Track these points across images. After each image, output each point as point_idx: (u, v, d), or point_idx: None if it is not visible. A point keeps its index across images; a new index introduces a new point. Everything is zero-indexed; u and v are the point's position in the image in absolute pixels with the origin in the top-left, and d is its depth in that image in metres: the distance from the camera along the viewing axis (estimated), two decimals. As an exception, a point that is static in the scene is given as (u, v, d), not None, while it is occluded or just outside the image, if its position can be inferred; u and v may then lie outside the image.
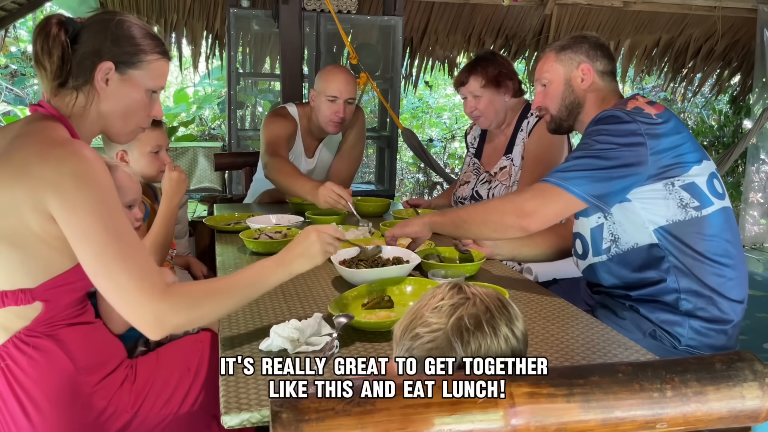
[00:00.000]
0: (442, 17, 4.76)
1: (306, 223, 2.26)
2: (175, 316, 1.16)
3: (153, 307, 1.14)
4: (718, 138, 6.17)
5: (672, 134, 1.60)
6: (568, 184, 1.58)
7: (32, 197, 1.14)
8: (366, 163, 6.73)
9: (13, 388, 1.23)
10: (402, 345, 0.84)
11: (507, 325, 0.82)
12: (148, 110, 1.36)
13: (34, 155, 1.16)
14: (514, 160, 2.40)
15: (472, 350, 0.79)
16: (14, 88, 6.99)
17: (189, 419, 1.43)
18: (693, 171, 1.60)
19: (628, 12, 4.87)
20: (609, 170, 1.56)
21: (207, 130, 7.39)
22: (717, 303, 1.60)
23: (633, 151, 1.56)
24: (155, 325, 1.15)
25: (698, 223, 1.59)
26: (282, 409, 0.66)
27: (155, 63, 1.33)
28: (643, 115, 1.60)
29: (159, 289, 1.15)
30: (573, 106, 1.79)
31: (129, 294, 1.13)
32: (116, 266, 1.13)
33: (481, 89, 2.36)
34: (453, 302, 0.83)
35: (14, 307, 1.22)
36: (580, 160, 1.60)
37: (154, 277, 1.16)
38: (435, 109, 8.11)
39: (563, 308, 1.56)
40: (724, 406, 0.74)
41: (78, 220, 1.14)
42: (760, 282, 3.07)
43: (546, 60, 1.83)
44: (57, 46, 1.24)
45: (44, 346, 1.25)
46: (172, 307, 1.15)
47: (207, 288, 1.25)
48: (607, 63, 1.79)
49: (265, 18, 3.76)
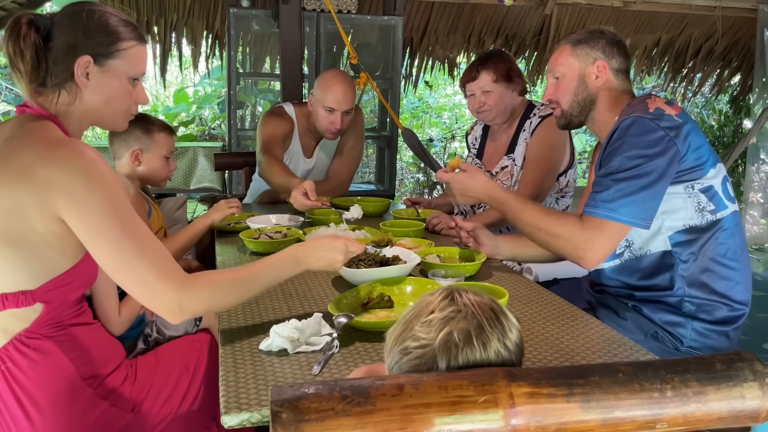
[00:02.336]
0: (442, 17, 4.76)
1: (306, 223, 2.26)
2: (197, 303, 1.21)
3: (176, 294, 1.17)
4: (718, 138, 6.17)
5: (693, 135, 1.59)
6: (617, 215, 1.55)
7: (39, 199, 1.14)
8: (366, 163, 6.73)
9: (13, 390, 1.22)
10: (392, 356, 0.83)
11: (499, 340, 0.79)
12: (132, 97, 1.35)
13: (36, 157, 1.15)
14: (516, 159, 2.40)
15: (459, 365, 0.78)
16: (14, 88, 6.99)
17: (189, 419, 1.43)
18: (710, 174, 1.60)
19: (628, 12, 4.87)
20: (652, 187, 1.54)
21: (207, 130, 7.39)
22: (722, 306, 1.60)
23: (666, 157, 1.54)
24: (179, 312, 1.19)
25: (713, 227, 1.60)
26: (282, 409, 0.66)
27: (132, 50, 1.31)
28: (666, 118, 1.58)
29: (179, 277, 1.19)
30: (585, 102, 1.76)
31: (151, 284, 1.17)
32: (135, 259, 1.16)
33: (493, 84, 2.35)
34: (443, 316, 0.80)
35: (14, 309, 1.21)
36: (621, 183, 1.56)
37: (172, 266, 1.20)
38: (435, 109, 8.11)
39: (563, 308, 1.56)
40: (724, 406, 0.74)
41: (92, 219, 1.15)
42: (760, 282, 3.07)
43: (561, 52, 1.79)
44: (29, 47, 1.21)
45: (44, 348, 1.24)
46: (194, 295, 1.20)
47: (224, 277, 1.28)
48: (622, 61, 1.75)
49: (265, 18, 3.76)
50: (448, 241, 2.11)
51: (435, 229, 2.27)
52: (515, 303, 1.57)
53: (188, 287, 1.19)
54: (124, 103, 1.34)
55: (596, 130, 1.80)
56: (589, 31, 1.79)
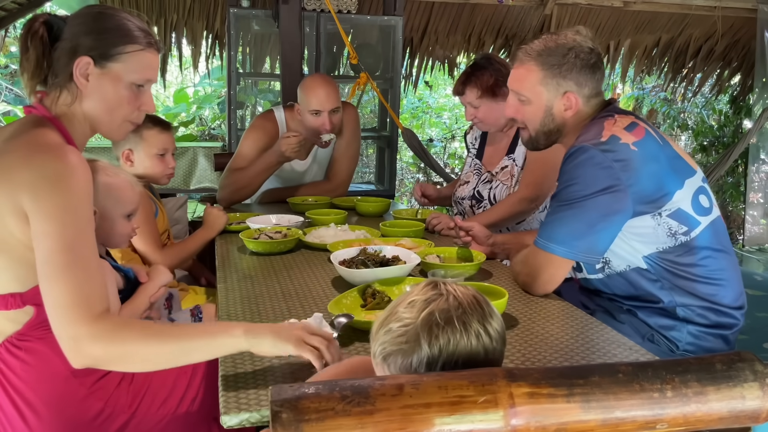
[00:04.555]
0: (442, 17, 4.76)
1: (306, 224, 2.26)
2: (92, 345, 1.08)
3: (75, 328, 1.07)
4: (718, 138, 6.17)
5: (651, 162, 1.51)
6: (554, 245, 1.55)
7: (11, 201, 1.13)
8: (366, 163, 6.74)
9: (8, 393, 1.22)
10: (377, 340, 0.84)
11: (479, 322, 0.81)
12: (135, 104, 1.31)
13: (19, 159, 1.15)
14: (517, 160, 2.39)
15: (441, 345, 0.79)
16: (14, 88, 6.99)
17: (188, 419, 1.43)
18: (677, 197, 1.53)
19: (628, 12, 4.87)
20: (596, 224, 1.51)
21: (207, 130, 7.38)
22: (714, 311, 1.59)
23: (613, 196, 1.49)
24: (73, 349, 1.08)
25: (687, 245, 1.55)
26: (282, 409, 0.66)
27: (138, 54, 1.28)
28: (620, 146, 1.50)
29: (92, 312, 1.08)
30: (552, 132, 1.68)
31: (60, 308, 1.08)
32: (57, 276, 1.09)
33: (478, 100, 2.32)
34: (426, 297, 0.83)
35: (5, 311, 1.21)
36: (560, 214, 1.55)
37: (94, 299, 1.09)
38: (435, 109, 8.11)
39: (563, 308, 1.55)
40: (724, 407, 0.73)
41: (39, 222, 1.11)
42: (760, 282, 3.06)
43: (528, 73, 1.63)
44: (36, 45, 1.22)
45: (37, 350, 1.24)
46: (93, 334, 1.08)
47: (143, 326, 1.15)
48: (595, 83, 1.63)
49: (265, 18, 3.76)
50: (448, 241, 2.11)
51: (435, 230, 2.27)
52: (515, 303, 1.57)
53: (93, 324, 1.07)
54: (124, 109, 1.30)
55: (565, 149, 1.72)
56: (558, 45, 1.61)
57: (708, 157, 6.12)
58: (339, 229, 2.12)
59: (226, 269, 1.82)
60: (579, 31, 1.63)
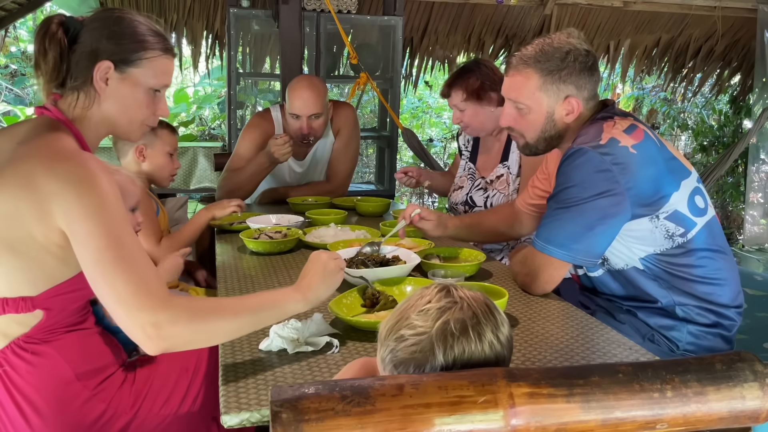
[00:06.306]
0: (442, 17, 4.76)
1: (306, 223, 2.26)
2: (173, 326, 1.09)
3: (151, 315, 1.07)
4: (718, 138, 6.17)
5: (649, 165, 1.51)
6: (552, 248, 1.55)
7: (39, 210, 1.13)
8: (366, 163, 6.73)
9: (12, 394, 1.22)
10: (386, 345, 0.83)
11: (493, 332, 0.82)
12: (152, 108, 1.33)
13: (39, 167, 1.14)
14: (511, 168, 2.36)
15: (455, 355, 0.79)
16: (14, 88, 6.98)
17: (189, 419, 1.43)
18: (674, 198, 1.53)
19: (628, 12, 4.87)
20: (594, 227, 1.51)
21: (207, 130, 7.38)
22: (713, 311, 1.59)
23: (611, 200, 1.48)
24: (153, 334, 1.07)
25: (684, 247, 1.56)
26: (282, 409, 0.66)
27: (156, 60, 1.30)
28: (618, 149, 1.49)
29: (159, 297, 1.09)
30: (553, 138, 1.65)
31: (125, 300, 1.08)
32: (113, 272, 1.08)
33: (463, 102, 2.30)
34: (440, 306, 0.82)
35: (15, 314, 1.21)
36: (558, 216, 1.55)
37: (154, 284, 1.10)
38: (435, 109, 8.11)
39: (563, 308, 1.55)
40: (724, 407, 0.74)
41: (78, 225, 1.12)
42: (760, 282, 3.06)
43: (526, 80, 1.59)
44: (54, 46, 1.22)
45: (43, 352, 1.24)
46: (171, 316, 1.08)
47: (213, 303, 1.19)
48: (594, 84, 1.60)
49: (265, 18, 3.76)
50: (448, 241, 2.11)
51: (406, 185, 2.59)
52: (515, 303, 1.57)
53: (166, 307, 1.08)
54: (142, 113, 1.32)
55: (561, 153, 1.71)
56: (555, 48, 1.57)
57: (708, 157, 6.13)
58: (339, 229, 2.12)
59: (226, 269, 1.82)
60: (571, 33, 1.60)
